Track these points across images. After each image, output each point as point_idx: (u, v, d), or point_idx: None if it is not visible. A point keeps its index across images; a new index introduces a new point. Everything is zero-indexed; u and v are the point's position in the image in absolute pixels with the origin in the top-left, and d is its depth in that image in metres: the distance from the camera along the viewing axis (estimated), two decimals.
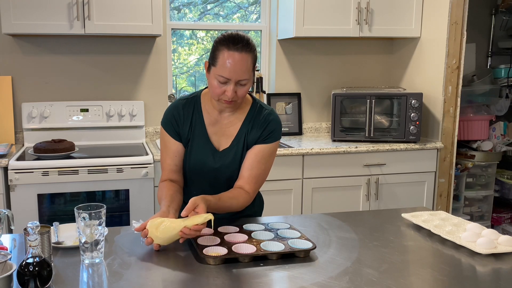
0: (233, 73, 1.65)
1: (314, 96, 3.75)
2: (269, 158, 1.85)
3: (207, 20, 3.68)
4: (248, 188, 1.81)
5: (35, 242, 1.25)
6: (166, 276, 1.38)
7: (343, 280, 1.35)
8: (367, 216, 1.96)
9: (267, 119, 1.82)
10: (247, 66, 1.67)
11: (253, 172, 1.81)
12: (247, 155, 1.82)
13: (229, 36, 1.67)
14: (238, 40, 1.65)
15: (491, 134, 3.80)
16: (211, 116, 1.83)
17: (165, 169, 1.86)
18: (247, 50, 1.66)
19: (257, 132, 1.81)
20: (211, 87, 1.72)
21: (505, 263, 1.48)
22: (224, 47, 1.65)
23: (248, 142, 1.82)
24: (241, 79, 1.67)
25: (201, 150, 1.82)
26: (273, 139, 1.83)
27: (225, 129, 1.84)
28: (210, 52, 1.73)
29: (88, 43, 3.29)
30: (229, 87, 1.67)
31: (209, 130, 1.83)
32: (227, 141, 1.84)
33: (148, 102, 3.43)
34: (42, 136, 3.16)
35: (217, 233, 1.64)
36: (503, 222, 3.93)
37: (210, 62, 1.71)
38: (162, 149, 1.88)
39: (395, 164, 3.23)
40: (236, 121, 1.83)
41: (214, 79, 1.69)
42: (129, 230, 1.75)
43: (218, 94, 1.70)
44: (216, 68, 1.67)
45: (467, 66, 3.69)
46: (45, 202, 2.72)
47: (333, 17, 3.32)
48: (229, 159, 1.82)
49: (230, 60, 1.64)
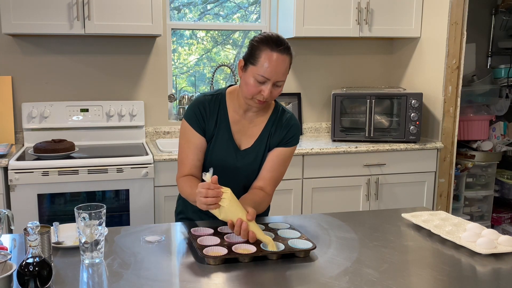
0: (274, 73, 1.68)
1: (314, 96, 3.75)
2: (288, 161, 1.90)
3: (207, 20, 3.68)
4: (269, 190, 1.86)
5: (35, 242, 1.25)
6: (166, 276, 1.38)
7: (343, 280, 1.35)
8: (367, 216, 1.96)
9: (289, 123, 1.88)
10: (286, 68, 1.71)
11: (274, 174, 1.86)
12: (269, 156, 1.86)
13: (271, 37, 1.70)
14: (281, 42, 1.69)
15: (491, 134, 3.80)
16: (235, 114, 1.85)
17: (187, 164, 1.83)
18: (288, 53, 1.70)
19: (280, 135, 1.86)
20: (246, 86, 1.72)
21: (505, 263, 1.48)
22: (267, 47, 1.68)
23: (271, 144, 1.86)
24: (279, 80, 1.71)
25: (224, 148, 1.84)
26: (293, 143, 1.88)
27: (247, 129, 1.86)
28: (248, 51, 1.73)
29: (88, 43, 3.29)
30: (267, 87, 1.70)
31: (232, 128, 1.84)
32: (248, 140, 1.86)
33: (148, 102, 3.43)
34: (42, 136, 3.16)
35: (217, 233, 1.64)
36: (503, 222, 3.93)
37: (249, 61, 1.71)
38: (184, 144, 1.85)
39: (395, 164, 3.23)
40: (259, 122, 1.86)
41: (251, 77, 1.70)
42: (129, 230, 1.75)
43: (253, 93, 1.72)
44: (256, 67, 1.68)
45: (467, 66, 3.69)
46: (45, 202, 2.72)
47: (333, 17, 3.32)
48: (251, 159, 1.85)
49: (273, 60, 1.67)
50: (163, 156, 2.84)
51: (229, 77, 3.76)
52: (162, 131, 3.46)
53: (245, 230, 1.53)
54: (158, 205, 2.86)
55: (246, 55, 1.74)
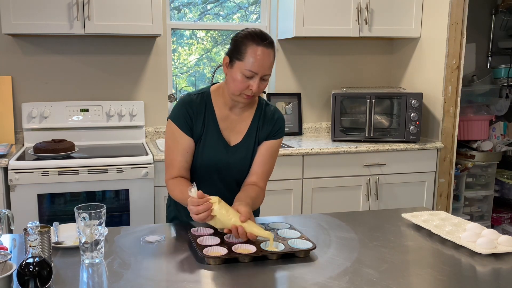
0: (261, 67, 1.70)
1: (314, 96, 3.75)
2: (277, 153, 1.94)
3: (207, 20, 3.68)
4: (262, 184, 1.88)
5: (35, 242, 1.25)
6: (166, 276, 1.38)
7: (343, 280, 1.35)
8: (367, 216, 1.96)
9: (275, 116, 1.91)
10: (271, 61, 1.74)
11: (265, 168, 1.89)
12: (259, 151, 1.88)
13: (255, 32, 1.72)
14: (265, 36, 1.72)
15: (491, 134, 3.80)
16: (222, 111, 1.86)
17: (175, 166, 1.83)
18: (272, 47, 1.73)
19: (267, 128, 1.88)
20: (233, 82, 1.73)
21: (505, 263, 1.48)
22: (252, 42, 1.70)
23: (260, 138, 1.89)
24: (266, 74, 1.73)
25: (214, 145, 1.84)
26: (280, 135, 1.92)
27: (235, 125, 1.87)
28: (233, 48, 1.74)
29: (88, 43, 3.29)
30: (255, 81, 1.71)
31: (220, 125, 1.86)
32: (237, 136, 1.87)
33: (148, 102, 3.43)
34: (42, 136, 3.16)
35: (217, 233, 1.64)
36: (503, 222, 3.93)
37: (235, 57, 1.72)
38: (172, 146, 1.84)
39: (395, 164, 3.23)
40: (246, 117, 1.88)
41: (238, 73, 1.71)
42: (129, 230, 1.75)
43: (240, 88, 1.73)
44: (244, 63, 1.70)
45: (467, 66, 3.69)
46: (45, 202, 2.72)
47: (333, 17, 3.32)
48: (242, 154, 1.86)
49: (259, 55, 1.69)
50: (163, 156, 2.84)
51: None
52: (162, 131, 3.46)
53: (242, 234, 1.55)
54: (158, 205, 2.86)
55: (231, 52, 1.75)
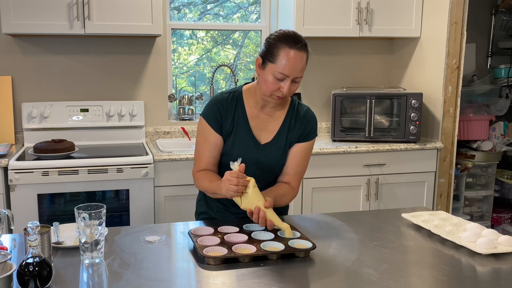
0: (292, 70, 1.72)
1: (314, 96, 3.75)
2: (309, 154, 1.97)
3: (207, 20, 3.68)
4: (295, 185, 1.92)
5: (35, 242, 1.25)
6: (166, 276, 1.38)
7: (343, 280, 1.35)
8: (367, 216, 1.96)
9: (307, 117, 1.92)
10: (304, 64, 1.76)
11: (298, 170, 1.92)
12: (291, 153, 1.91)
13: (288, 34, 1.74)
14: (298, 39, 1.74)
15: (491, 134, 3.80)
16: (252, 110, 1.89)
17: (203, 161, 1.89)
18: (305, 50, 1.76)
19: (299, 129, 1.90)
20: (265, 83, 1.76)
21: (505, 263, 1.48)
22: (285, 45, 1.72)
23: (292, 137, 1.90)
24: (297, 77, 1.75)
25: (244, 142, 1.87)
26: (313, 136, 1.94)
27: (265, 124, 1.90)
28: (266, 49, 1.76)
29: (88, 43, 3.29)
30: (286, 83, 1.74)
31: (251, 123, 1.88)
32: (268, 135, 1.89)
33: (148, 102, 3.43)
34: (42, 136, 3.15)
35: (217, 233, 1.64)
36: (503, 222, 3.93)
37: (268, 59, 1.74)
38: (201, 141, 1.90)
39: (395, 164, 3.23)
40: (277, 117, 1.91)
41: (270, 75, 1.74)
42: (129, 230, 1.75)
43: (272, 90, 1.76)
44: (275, 65, 1.72)
45: (467, 66, 3.69)
46: (45, 202, 2.72)
47: (333, 17, 3.32)
48: (272, 153, 1.89)
49: (291, 58, 1.71)
50: (163, 156, 2.84)
51: (229, 77, 3.76)
52: (162, 131, 3.46)
53: (262, 218, 1.62)
54: (158, 205, 2.86)
55: (264, 53, 1.77)
